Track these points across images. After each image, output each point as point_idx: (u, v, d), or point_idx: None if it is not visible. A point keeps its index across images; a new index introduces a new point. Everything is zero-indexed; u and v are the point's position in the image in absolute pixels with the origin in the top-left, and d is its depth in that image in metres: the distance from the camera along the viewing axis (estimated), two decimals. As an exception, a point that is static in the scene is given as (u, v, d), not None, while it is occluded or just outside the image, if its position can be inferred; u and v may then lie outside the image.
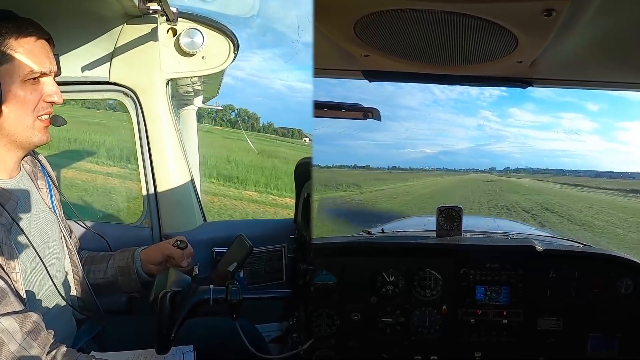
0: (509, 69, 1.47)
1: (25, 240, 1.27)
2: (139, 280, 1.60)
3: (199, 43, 1.92)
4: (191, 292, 1.18)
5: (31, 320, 1.15)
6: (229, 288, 1.19)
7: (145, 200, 2.02)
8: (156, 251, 1.62)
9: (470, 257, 1.71)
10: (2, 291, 1.13)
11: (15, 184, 1.33)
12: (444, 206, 1.81)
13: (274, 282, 2.05)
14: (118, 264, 1.61)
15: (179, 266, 1.56)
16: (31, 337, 1.13)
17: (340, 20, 1.24)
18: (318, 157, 2.09)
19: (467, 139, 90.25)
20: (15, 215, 1.25)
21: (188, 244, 1.61)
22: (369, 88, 1.77)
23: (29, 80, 1.26)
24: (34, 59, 1.26)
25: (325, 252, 1.76)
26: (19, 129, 1.27)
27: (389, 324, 1.71)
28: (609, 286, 1.69)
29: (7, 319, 1.11)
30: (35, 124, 1.29)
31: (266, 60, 51.64)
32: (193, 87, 3.52)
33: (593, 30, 1.16)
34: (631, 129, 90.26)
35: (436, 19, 1.14)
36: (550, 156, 80.00)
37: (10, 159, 1.32)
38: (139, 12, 1.78)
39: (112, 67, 1.89)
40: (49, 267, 1.34)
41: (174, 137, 2.00)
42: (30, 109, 1.27)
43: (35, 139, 1.31)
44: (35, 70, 1.26)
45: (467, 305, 1.71)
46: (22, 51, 1.24)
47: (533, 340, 1.70)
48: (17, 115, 1.26)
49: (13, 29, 1.23)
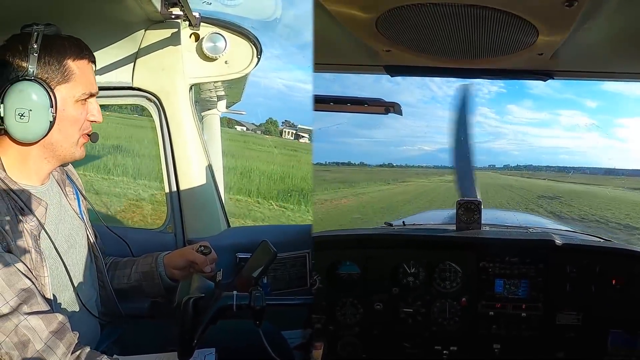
0: (530, 62, 1.47)
1: (52, 246, 1.29)
2: (163, 285, 1.60)
3: (221, 48, 1.93)
4: (214, 297, 1.18)
5: (57, 320, 1.17)
6: (253, 294, 1.18)
7: (168, 206, 2.02)
8: (179, 256, 1.61)
9: (490, 250, 1.72)
10: (30, 291, 1.15)
11: (46, 190, 1.36)
12: (463, 199, 1.82)
13: (298, 288, 2.01)
14: (142, 269, 1.61)
15: (202, 272, 1.55)
16: (57, 337, 1.15)
17: (363, 16, 1.26)
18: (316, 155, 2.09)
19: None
20: (44, 221, 1.29)
21: (212, 250, 1.60)
22: (365, 83, 1.78)
23: (80, 101, 1.31)
24: (87, 81, 1.32)
25: (349, 243, 1.80)
26: (65, 145, 1.33)
27: (410, 315, 1.74)
28: (630, 282, 1.67)
29: (34, 318, 1.13)
30: (79, 141, 1.35)
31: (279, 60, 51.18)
32: (216, 92, 3.53)
33: (615, 20, 1.16)
34: (630, 126, 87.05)
35: (457, 13, 1.16)
36: (549, 153, 77.65)
37: (46, 169, 1.36)
38: (161, 17, 1.78)
39: (135, 72, 1.90)
40: (74, 273, 1.37)
41: (198, 142, 2.00)
42: (78, 128, 1.33)
43: (77, 155, 1.36)
44: (87, 92, 1.32)
45: (487, 298, 1.72)
46: (78, 73, 1.30)
47: (552, 335, 1.70)
48: (66, 134, 1.31)
49: (71, 49, 1.29)
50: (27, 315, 1.12)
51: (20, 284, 1.14)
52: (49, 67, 1.26)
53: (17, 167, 1.30)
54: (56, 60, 1.27)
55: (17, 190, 1.26)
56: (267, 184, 12.91)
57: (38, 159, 1.32)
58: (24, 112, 1.23)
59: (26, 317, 1.12)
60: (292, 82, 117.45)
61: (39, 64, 1.24)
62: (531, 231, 1.92)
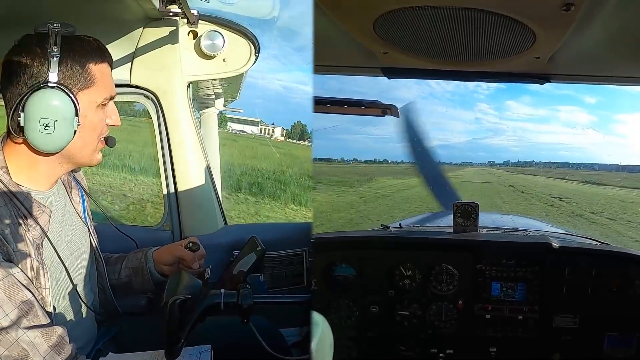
0: (527, 65, 1.47)
1: (55, 254, 1.25)
2: (152, 281, 1.58)
3: (219, 45, 1.92)
4: (202, 296, 1.15)
5: (56, 334, 1.13)
6: (241, 292, 1.15)
7: (166, 203, 2.01)
8: (167, 252, 1.59)
9: (487, 253, 1.72)
10: (30, 303, 1.11)
11: (51, 196, 1.31)
12: (460, 202, 1.82)
13: (294, 286, 2.01)
14: (131, 264, 1.59)
15: (190, 268, 1.54)
16: (55, 351, 1.12)
17: (360, 18, 1.26)
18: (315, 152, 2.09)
19: (465, 132, 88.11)
20: (48, 229, 1.23)
21: (200, 246, 1.58)
22: (363, 80, 1.77)
23: (101, 106, 1.25)
24: (109, 85, 1.26)
25: (345, 245, 1.79)
26: (84, 152, 1.27)
27: (406, 317, 1.73)
28: (626, 285, 1.67)
29: (32, 332, 1.09)
30: (98, 146, 1.29)
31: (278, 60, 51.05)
32: (214, 90, 3.52)
33: (612, 23, 1.16)
34: (628, 122, 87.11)
35: (455, 16, 1.16)
36: (548, 149, 77.70)
37: (57, 174, 1.30)
38: (159, 15, 1.77)
39: (133, 69, 1.89)
40: (76, 279, 1.33)
41: (195, 140, 2.00)
42: (97, 133, 1.27)
43: (95, 161, 1.31)
44: (108, 97, 1.26)
45: (483, 300, 1.72)
46: (99, 77, 1.23)
47: (548, 337, 1.70)
48: (86, 141, 1.25)
49: (93, 52, 1.23)
50: (26, 330, 1.09)
51: (20, 296, 1.09)
52: (71, 71, 1.18)
53: (25, 173, 1.23)
54: (78, 65, 1.19)
55: (20, 196, 1.19)
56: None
57: (52, 164, 1.26)
58: (49, 123, 1.15)
59: (25, 332, 1.08)
60: (288, 82, 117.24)
61: (60, 69, 1.16)
62: (528, 234, 1.92)
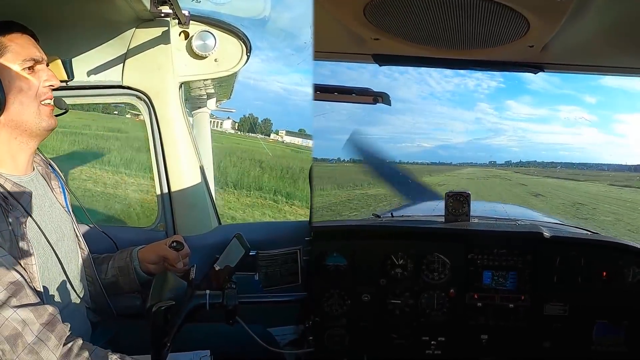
0: (520, 54, 1.46)
1: (41, 235, 1.28)
2: (138, 280, 1.60)
3: (211, 46, 1.93)
4: (187, 297, 1.15)
5: (48, 312, 1.15)
6: (226, 293, 1.16)
7: (159, 204, 2.02)
8: (152, 251, 1.61)
9: (478, 242, 1.72)
10: (19, 284, 1.13)
11: (30, 181, 1.35)
12: (452, 192, 1.82)
13: (289, 285, 2.00)
14: (118, 264, 1.61)
15: (174, 267, 1.55)
16: (47, 329, 1.13)
17: (350, 3, 1.24)
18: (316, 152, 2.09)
19: (465, 132, 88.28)
20: (30, 210, 1.27)
21: (185, 245, 1.59)
22: (363, 79, 1.76)
23: (25, 69, 1.32)
24: (25, 50, 1.33)
25: (336, 234, 1.79)
26: (26, 116, 1.32)
27: (398, 306, 1.74)
28: (616, 274, 1.69)
29: (23, 311, 1.11)
30: (41, 109, 1.34)
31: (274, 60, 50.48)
32: (206, 90, 3.52)
33: (607, 13, 1.14)
34: (629, 122, 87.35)
35: (447, 2, 1.14)
36: (549, 149, 78.32)
37: (24, 155, 1.35)
38: (150, 16, 1.79)
39: (125, 70, 1.89)
40: (66, 264, 1.35)
41: (188, 140, 2.00)
42: (32, 96, 1.33)
43: (44, 124, 1.35)
44: (29, 59, 1.32)
45: (475, 289, 1.72)
46: (13, 45, 1.32)
47: (539, 325, 1.72)
48: (22, 104, 1.31)
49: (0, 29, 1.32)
50: (16, 309, 1.11)
51: (8, 277, 1.12)
52: None
53: None
54: None
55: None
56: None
57: (9, 140, 1.32)
58: None
59: (16, 310, 1.10)
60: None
61: None
62: (519, 223, 1.92)
